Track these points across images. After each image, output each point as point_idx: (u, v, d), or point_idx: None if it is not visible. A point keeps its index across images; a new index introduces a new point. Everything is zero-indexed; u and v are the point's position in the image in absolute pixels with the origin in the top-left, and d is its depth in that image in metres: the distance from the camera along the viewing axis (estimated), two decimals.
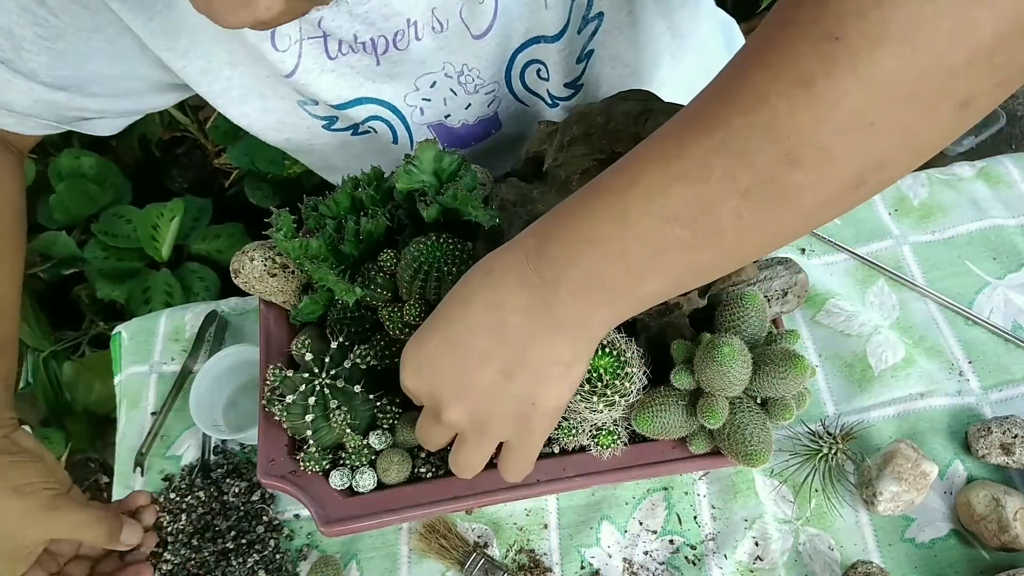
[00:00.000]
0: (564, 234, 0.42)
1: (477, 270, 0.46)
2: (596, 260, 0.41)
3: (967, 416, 0.69)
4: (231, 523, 0.71)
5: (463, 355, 0.45)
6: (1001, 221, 0.79)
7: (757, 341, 0.55)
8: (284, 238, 0.60)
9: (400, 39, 0.62)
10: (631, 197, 0.39)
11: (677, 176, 0.37)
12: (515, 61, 0.68)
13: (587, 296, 0.42)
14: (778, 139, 0.34)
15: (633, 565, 0.66)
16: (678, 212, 0.38)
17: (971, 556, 0.63)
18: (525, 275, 0.43)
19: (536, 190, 0.62)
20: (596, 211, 0.41)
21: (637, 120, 0.59)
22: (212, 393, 0.76)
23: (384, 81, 0.66)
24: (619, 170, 0.41)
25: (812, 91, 0.33)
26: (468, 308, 0.45)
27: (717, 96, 0.37)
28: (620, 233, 0.39)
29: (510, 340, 0.44)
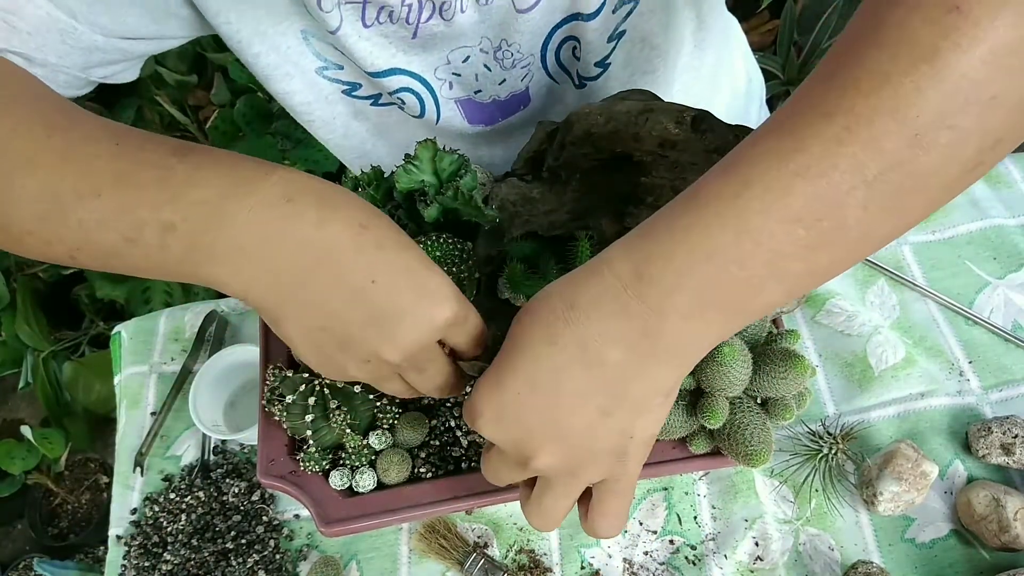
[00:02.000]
0: (669, 250, 0.38)
1: (556, 303, 0.41)
2: (710, 275, 0.37)
3: (967, 416, 0.69)
4: (231, 523, 0.71)
5: (554, 398, 0.41)
6: (1001, 221, 0.79)
7: (757, 341, 0.55)
8: None
9: (447, 9, 0.61)
10: (747, 200, 0.36)
11: (797, 172, 0.34)
12: (552, 37, 0.66)
13: (699, 318, 0.38)
14: (906, 119, 0.33)
15: (633, 565, 0.66)
16: (801, 211, 0.35)
17: (971, 556, 0.63)
18: (624, 304, 0.38)
19: (536, 190, 0.62)
20: (706, 220, 0.37)
21: (637, 120, 0.59)
22: (212, 393, 0.76)
23: (416, 53, 0.65)
24: (725, 173, 0.37)
25: (937, 65, 0.32)
26: (553, 347, 0.40)
27: (828, 85, 0.35)
28: (737, 241, 0.36)
29: (608, 377, 0.40)
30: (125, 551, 0.73)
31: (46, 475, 1.54)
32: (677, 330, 0.38)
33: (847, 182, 0.34)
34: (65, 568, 1.40)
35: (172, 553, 0.71)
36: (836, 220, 0.35)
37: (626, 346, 0.39)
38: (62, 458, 1.47)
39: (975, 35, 0.31)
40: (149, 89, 1.50)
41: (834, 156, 0.34)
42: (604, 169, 0.59)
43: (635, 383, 0.40)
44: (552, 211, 0.59)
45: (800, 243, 0.36)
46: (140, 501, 0.76)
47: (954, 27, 0.32)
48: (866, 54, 0.34)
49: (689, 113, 0.58)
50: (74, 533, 1.56)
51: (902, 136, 0.33)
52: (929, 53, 0.32)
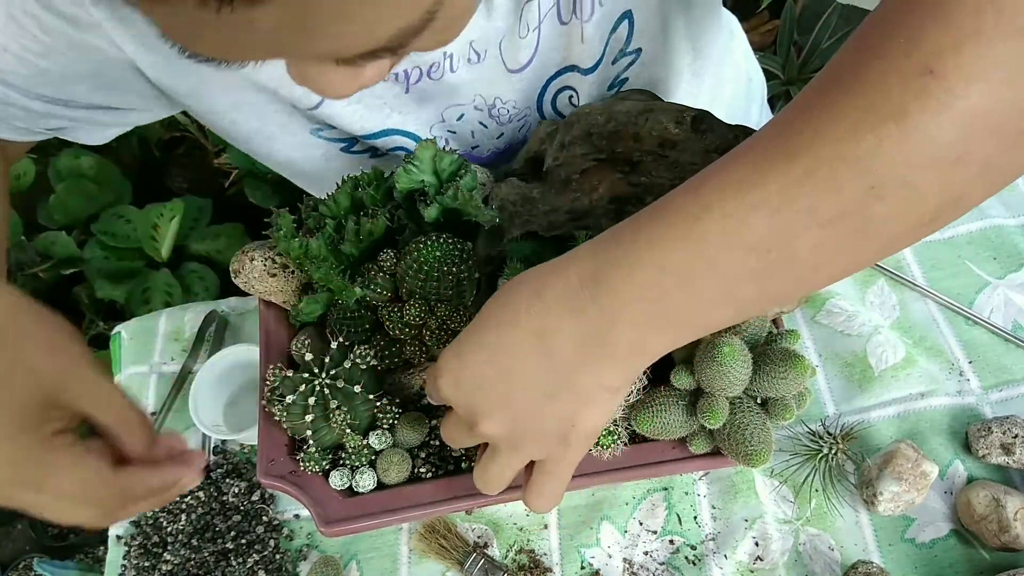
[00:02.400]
0: (627, 258, 0.40)
1: (524, 289, 0.44)
2: (663, 288, 0.39)
3: (967, 416, 0.69)
4: (231, 523, 0.71)
5: (507, 374, 0.44)
6: (1001, 221, 0.79)
7: (757, 341, 0.55)
8: (284, 238, 0.60)
9: (435, 70, 0.62)
10: (707, 224, 0.37)
11: (756, 204, 0.36)
12: (548, 88, 0.68)
13: (648, 325, 0.40)
14: (865, 172, 0.34)
15: (633, 565, 0.66)
16: (755, 242, 0.36)
17: (971, 556, 0.63)
18: (581, 304, 0.41)
19: (536, 190, 0.62)
20: (666, 237, 0.39)
21: (637, 120, 0.59)
22: (212, 393, 0.76)
23: (411, 110, 0.67)
24: (689, 194, 0.39)
25: (903, 125, 0.33)
26: (516, 329, 0.43)
27: (799, 123, 0.36)
28: (692, 261, 0.38)
29: (558, 366, 0.43)
30: (125, 551, 0.73)
31: None
32: (626, 337, 0.41)
33: (800, 221, 0.36)
34: (65, 568, 1.40)
35: (172, 553, 0.71)
36: (787, 254, 0.37)
37: (577, 343, 0.42)
38: None
39: (945, 100, 0.32)
40: None
41: (791, 196, 0.35)
42: (604, 169, 0.59)
43: (581, 376, 0.43)
44: (552, 211, 0.59)
45: (752, 270, 0.37)
46: None
47: (925, 90, 0.32)
48: (837, 103, 0.35)
49: (689, 113, 0.58)
50: (74, 533, 1.55)
51: (858, 186, 0.34)
52: (898, 112, 0.33)
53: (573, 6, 0.61)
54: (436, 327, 0.59)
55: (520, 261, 0.58)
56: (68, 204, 1.46)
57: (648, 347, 0.42)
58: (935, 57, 0.32)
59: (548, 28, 0.62)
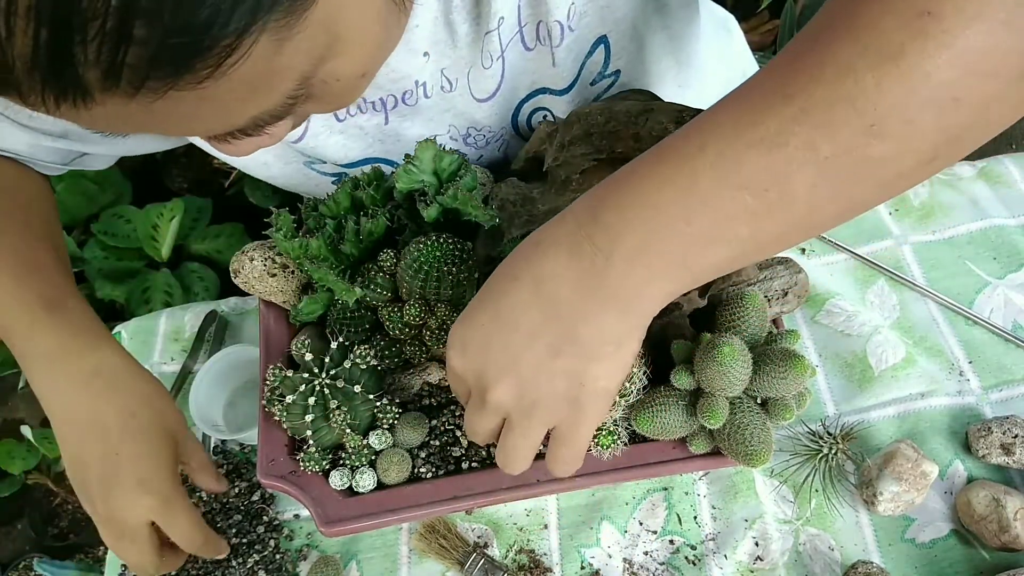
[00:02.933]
0: (622, 199, 0.40)
1: (526, 243, 0.44)
2: (657, 225, 0.39)
3: (967, 416, 0.69)
4: (231, 523, 0.71)
5: (510, 331, 0.43)
6: (1001, 221, 0.79)
7: (757, 341, 0.55)
8: (284, 238, 0.60)
9: (409, 97, 0.63)
10: (700, 162, 0.37)
11: (751, 143, 0.36)
12: (521, 109, 0.68)
13: (644, 264, 0.40)
14: (863, 111, 0.34)
15: (633, 565, 0.66)
16: (750, 179, 0.36)
17: (971, 556, 0.63)
18: (577, 244, 0.41)
19: (536, 190, 0.62)
20: (659, 175, 0.39)
21: (637, 120, 0.59)
22: (212, 393, 0.76)
23: (391, 142, 0.67)
24: (683, 136, 0.39)
25: (902, 64, 0.33)
26: (515, 282, 0.43)
27: (793, 67, 0.36)
28: (685, 198, 0.38)
29: (559, 315, 0.42)
30: None
31: (46, 475, 1.54)
32: (621, 273, 0.40)
33: (797, 159, 0.35)
34: (65, 568, 1.40)
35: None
36: (783, 193, 0.36)
37: (576, 284, 0.41)
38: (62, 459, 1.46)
39: (943, 40, 0.32)
40: None
41: (788, 134, 0.35)
42: (604, 169, 0.59)
43: (582, 325, 0.42)
44: (552, 211, 0.59)
45: (747, 210, 0.37)
46: None
47: (923, 30, 0.32)
48: (833, 45, 0.35)
49: (689, 113, 0.58)
50: (74, 533, 1.56)
51: (857, 125, 0.34)
52: (896, 52, 0.33)
53: (537, 33, 0.61)
54: (436, 327, 0.59)
55: None
56: (68, 204, 1.46)
57: (645, 291, 0.41)
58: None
59: (513, 55, 0.62)
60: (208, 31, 0.30)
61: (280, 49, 0.33)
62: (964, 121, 0.35)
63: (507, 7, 0.58)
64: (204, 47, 0.30)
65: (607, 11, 0.62)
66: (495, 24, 0.58)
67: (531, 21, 0.60)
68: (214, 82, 0.32)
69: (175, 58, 0.30)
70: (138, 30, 0.28)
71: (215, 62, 0.31)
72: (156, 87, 0.31)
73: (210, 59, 0.31)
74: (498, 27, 0.59)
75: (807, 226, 0.40)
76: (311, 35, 0.34)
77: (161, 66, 0.30)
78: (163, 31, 0.29)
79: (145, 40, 0.28)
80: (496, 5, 0.57)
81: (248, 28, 0.31)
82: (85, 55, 0.28)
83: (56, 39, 0.28)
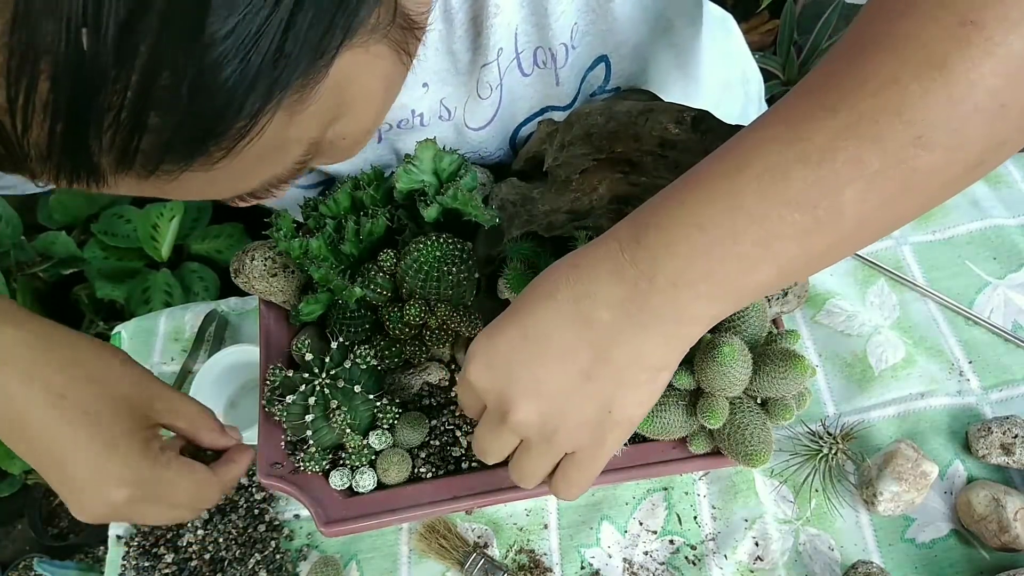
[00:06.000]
0: (665, 219, 0.39)
1: (562, 264, 0.43)
2: (702, 246, 0.38)
3: (967, 416, 0.69)
4: (231, 523, 0.71)
5: (541, 351, 0.42)
6: (1001, 221, 0.79)
7: (757, 341, 0.55)
8: (284, 238, 0.60)
9: (405, 124, 0.63)
10: (745, 179, 0.37)
11: (797, 159, 0.35)
12: (520, 131, 0.69)
13: (689, 287, 0.39)
14: (909, 121, 0.34)
15: (633, 565, 0.66)
16: (798, 196, 0.36)
17: (971, 556, 0.63)
18: (619, 266, 0.40)
19: (536, 190, 0.62)
20: (704, 195, 0.38)
21: (637, 120, 0.59)
22: (212, 393, 0.76)
23: (385, 160, 0.67)
24: (726, 156, 0.38)
25: (947, 74, 0.33)
26: (550, 301, 0.42)
27: (833, 83, 0.36)
28: (730, 217, 0.37)
29: (595, 337, 0.41)
30: (125, 551, 0.73)
31: None
32: (666, 297, 0.39)
33: (846, 174, 0.35)
34: (65, 568, 1.40)
35: (172, 553, 0.71)
36: (832, 209, 0.36)
37: (616, 307, 0.40)
38: None
39: (987, 48, 0.32)
40: None
41: (835, 149, 0.35)
42: (604, 169, 0.59)
43: (620, 349, 0.41)
44: (552, 211, 0.59)
45: (795, 227, 0.36)
46: None
47: (967, 39, 0.32)
48: (875, 58, 0.34)
49: (689, 113, 0.58)
50: (74, 533, 1.55)
51: (905, 136, 0.34)
52: (939, 61, 0.33)
53: (535, 59, 0.60)
54: (436, 327, 0.59)
55: (520, 261, 0.58)
56: (68, 204, 1.46)
57: (688, 314, 0.40)
58: (974, 8, 0.32)
59: (511, 82, 0.62)
60: (223, 116, 0.29)
61: (291, 121, 0.33)
62: (1010, 126, 0.34)
63: (506, 37, 0.58)
64: (218, 132, 0.30)
65: (609, 34, 0.62)
66: (494, 56, 0.58)
67: (528, 48, 0.59)
68: (227, 162, 0.32)
69: (189, 144, 0.30)
70: (153, 119, 0.28)
71: (229, 144, 0.31)
72: (170, 170, 0.31)
73: (224, 142, 0.31)
74: (496, 58, 0.59)
75: (854, 241, 0.39)
76: (322, 104, 0.34)
77: (175, 151, 0.30)
78: (178, 119, 0.29)
79: (160, 128, 0.29)
80: (496, 37, 0.57)
81: (263, 109, 0.30)
82: (100, 144, 0.28)
83: (72, 131, 0.28)
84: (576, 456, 0.45)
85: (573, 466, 0.46)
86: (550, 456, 0.45)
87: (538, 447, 0.45)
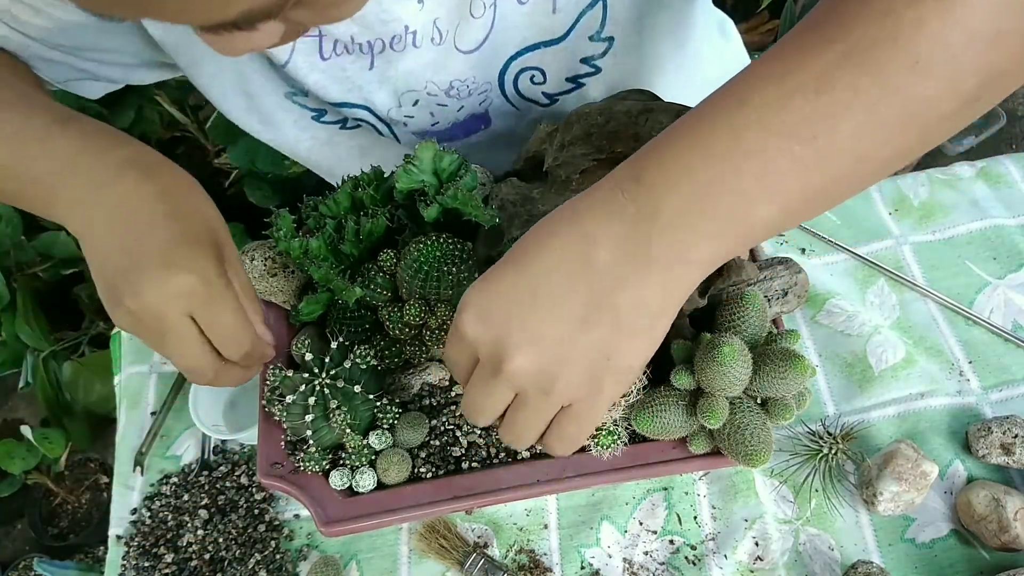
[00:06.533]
0: (664, 158, 0.38)
1: (560, 210, 0.42)
2: (702, 182, 0.37)
3: (967, 416, 0.69)
4: (231, 523, 0.71)
5: (538, 297, 0.41)
6: (1001, 221, 0.79)
7: (757, 341, 0.55)
8: (284, 238, 0.60)
9: (397, 43, 0.62)
10: (744, 114, 0.37)
11: (796, 89, 0.35)
12: (509, 67, 0.67)
13: (690, 225, 0.38)
14: (905, 47, 0.34)
15: (633, 565, 0.66)
16: (797, 127, 0.36)
17: (971, 556, 0.63)
18: (619, 206, 0.39)
19: (536, 190, 0.62)
20: (704, 132, 0.38)
21: (637, 120, 0.59)
22: (212, 393, 0.76)
23: (372, 89, 0.67)
24: (725, 93, 0.38)
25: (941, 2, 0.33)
26: (548, 247, 0.41)
27: (830, 16, 0.36)
28: (730, 151, 0.37)
29: (594, 280, 0.40)
30: (125, 551, 0.73)
31: (46, 475, 1.54)
32: (667, 236, 0.39)
33: (844, 102, 0.35)
34: (65, 568, 1.40)
35: (172, 553, 0.71)
36: (831, 139, 0.36)
37: (615, 247, 0.39)
38: (62, 458, 1.46)
39: None
40: (149, 89, 1.50)
41: (833, 78, 0.35)
42: (604, 169, 0.59)
43: (618, 293, 0.40)
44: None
45: (795, 160, 0.36)
46: (140, 501, 0.76)
47: None
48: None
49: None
50: (74, 533, 1.56)
51: (902, 62, 0.34)
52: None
53: None
54: (436, 327, 0.59)
55: None
56: None
57: (691, 253, 0.39)
58: None
59: (505, 7, 0.61)
60: None
61: None
62: (1007, 56, 0.34)
63: None
64: None
65: None
66: None
67: None
68: None
69: None
70: None
71: None
72: None
73: None
74: None
75: (852, 179, 0.39)
76: None
77: None
78: None
79: None
80: None
81: None
82: None
83: None
84: (573, 409, 0.44)
85: (569, 419, 0.45)
86: (546, 410, 0.44)
87: (534, 400, 0.43)
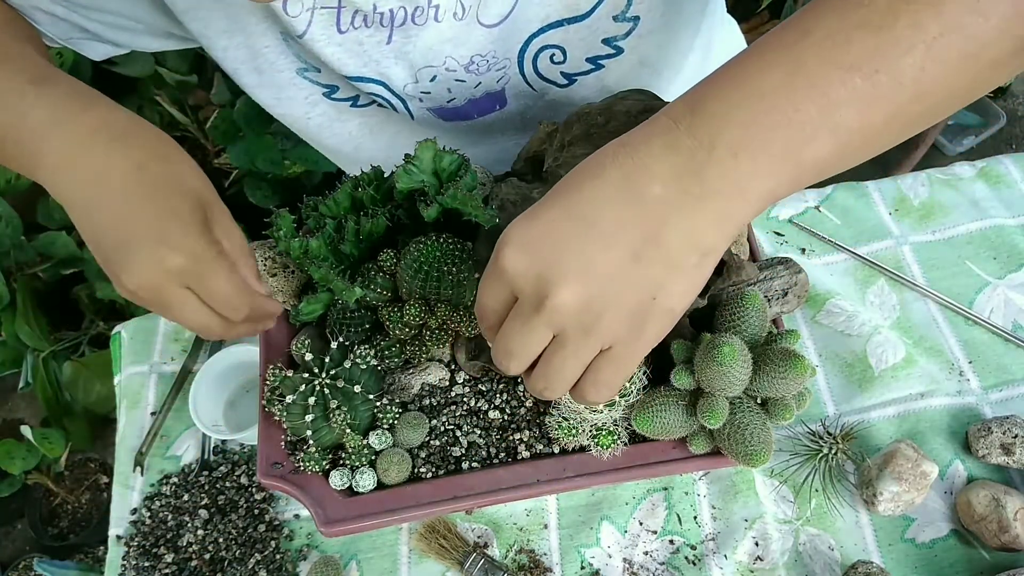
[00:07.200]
0: (724, 89, 0.38)
1: (613, 144, 0.40)
2: (762, 112, 0.37)
3: (967, 416, 0.69)
4: (231, 523, 0.71)
5: (588, 229, 0.39)
6: (1001, 221, 0.79)
7: (757, 341, 0.55)
8: (284, 238, 0.60)
9: (419, 15, 0.61)
10: (806, 46, 0.37)
11: (859, 24, 0.36)
12: (529, 45, 0.66)
13: (748, 157, 0.37)
14: None
15: (633, 565, 0.66)
16: (859, 61, 0.36)
17: (971, 556, 0.63)
18: (674, 138, 0.38)
19: (536, 190, 0.62)
20: (764, 63, 0.38)
21: (637, 120, 0.59)
22: (212, 393, 0.76)
23: (388, 65, 0.66)
24: (787, 27, 0.38)
25: None
26: (598, 179, 0.39)
27: None
28: (792, 81, 0.37)
29: (647, 213, 0.38)
30: (125, 551, 0.73)
31: (46, 475, 1.54)
32: (724, 168, 0.38)
33: (907, 39, 0.36)
34: (65, 568, 1.40)
35: (172, 553, 0.71)
36: (893, 75, 0.36)
37: (670, 180, 0.38)
38: (62, 458, 1.46)
39: None
40: (149, 89, 1.50)
41: (896, 13, 0.36)
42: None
43: (671, 228, 0.39)
44: None
45: (855, 92, 0.37)
46: (140, 501, 0.76)
47: None
48: None
49: None
50: (74, 533, 1.56)
51: (962, 3, 0.35)
52: None
53: None
54: (436, 327, 0.59)
55: None
56: None
57: (748, 187, 0.38)
58: None
59: None
60: None
61: None
62: None
63: None
64: None
65: None
66: None
67: None
68: None
69: None
70: None
71: None
72: None
73: None
74: None
75: (906, 119, 0.39)
76: None
77: None
78: None
79: None
80: None
81: None
82: None
83: None
84: (612, 352, 0.42)
85: (607, 362, 0.42)
86: (585, 352, 0.42)
87: (574, 340, 0.41)
